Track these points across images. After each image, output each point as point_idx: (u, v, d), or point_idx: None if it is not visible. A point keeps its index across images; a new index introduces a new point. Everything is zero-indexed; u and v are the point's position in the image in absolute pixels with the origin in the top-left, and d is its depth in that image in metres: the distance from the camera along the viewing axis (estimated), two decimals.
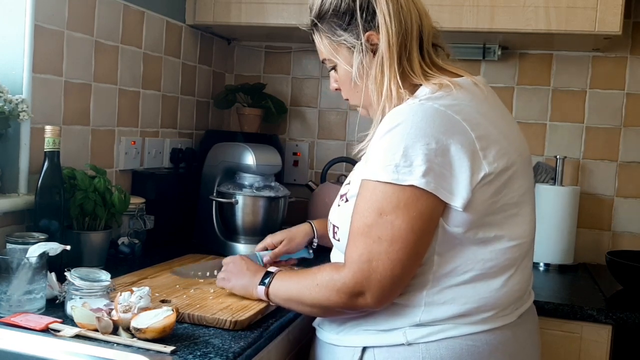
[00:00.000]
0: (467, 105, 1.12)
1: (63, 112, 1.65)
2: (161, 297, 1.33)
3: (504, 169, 1.11)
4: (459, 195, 1.07)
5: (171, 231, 2.01)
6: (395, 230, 1.07)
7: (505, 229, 1.14)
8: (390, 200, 1.07)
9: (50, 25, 1.57)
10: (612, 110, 2.20)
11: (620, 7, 1.82)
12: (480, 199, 1.08)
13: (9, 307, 1.17)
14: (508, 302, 1.16)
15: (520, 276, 1.19)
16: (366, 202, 1.10)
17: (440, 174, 1.06)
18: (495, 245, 1.13)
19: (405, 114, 1.09)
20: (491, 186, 1.09)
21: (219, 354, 1.08)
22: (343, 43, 1.23)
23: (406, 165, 1.05)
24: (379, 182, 1.07)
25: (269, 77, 2.49)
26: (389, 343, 1.14)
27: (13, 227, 1.49)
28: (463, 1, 1.92)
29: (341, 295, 1.11)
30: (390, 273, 1.08)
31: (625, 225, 2.20)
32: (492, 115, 1.17)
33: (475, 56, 2.22)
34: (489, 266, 1.13)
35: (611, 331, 1.63)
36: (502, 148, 1.12)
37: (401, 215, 1.06)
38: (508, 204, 1.13)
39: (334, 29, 1.23)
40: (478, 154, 1.08)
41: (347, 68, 1.24)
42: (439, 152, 1.05)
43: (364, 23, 1.20)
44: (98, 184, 1.55)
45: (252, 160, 1.89)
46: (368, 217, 1.09)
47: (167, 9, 2.08)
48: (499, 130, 1.15)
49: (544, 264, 2.10)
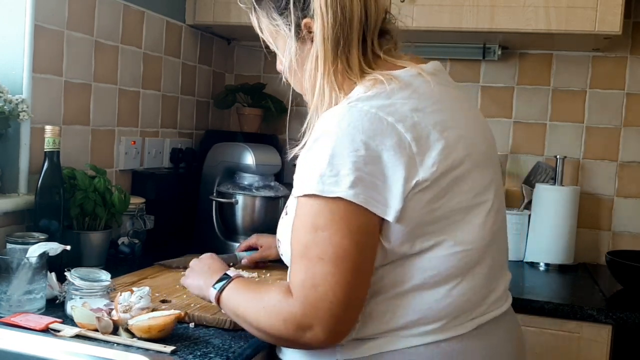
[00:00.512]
0: (403, 104, 0.99)
1: (63, 112, 1.65)
2: (161, 297, 1.33)
3: (447, 171, 0.99)
4: (392, 207, 0.95)
5: (171, 231, 2.01)
6: (335, 247, 0.94)
7: (447, 234, 1.00)
8: (323, 214, 0.95)
9: (50, 25, 1.57)
10: (612, 110, 2.20)
11: (620, 7, 1.82)
12: (413, 208, 0.96)
13: (9, 307, 1.17)
14: (455, 312, 1.02)
15: (470, 284, 1.03)
16: (299, 221, 0.98)
17: (372, 184, 0.94)
18: (435, 253, 1.00)
19: (330, 120, 0.98)
20: (427, 193, 0.97)
21: (219, 354, 1.08)
22: (279, 29, 1.13)
23: (332, 175, 0.94)
24: (306, 196, 0.96)
25: (269, 77, 2.49)
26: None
27: (13, 227, 1.49)
28: (463, 1, 1.91)
29: (288, 325, 0.97)
30: (342, 298, 0.94)
31: (625, 225, 2.20)
32: (437, 110, 1.03)
33: (475, 56, 2.22)
34: (429, 275, 1.00)
35: (611, 331, 1.63)
36: (445, 148, 0.99)
37: (339, 230, 0.94)
38: (453, 210, 1.00)
39: (271, 12, 1.13)
40: (414, 159, 0.96)
41: (280, 56, 1.15)
42: (369, 160, 0.94)
43: (296, 9, 1.08)
44: (98, 184, 1.55)
45: (251, 160, 1.89)
46: (304, 237, 0.97)
47: (167, 9, 2.08)
48: (445, 126, 1.01)
49: (544, 264, 2.10)
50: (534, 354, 1.66)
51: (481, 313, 1.06)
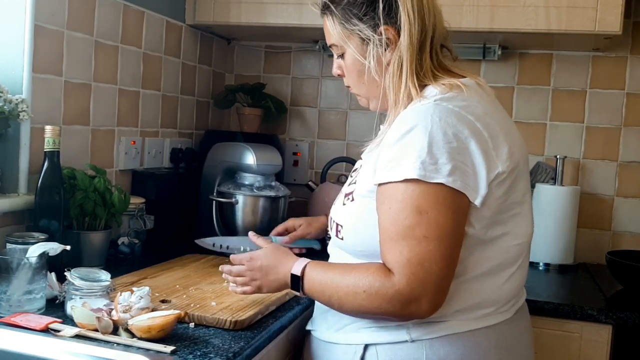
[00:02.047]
0: (476, 107, 1.13)
1: (63, 112, 1.65)
2: (161, 297, 1.33)
3: (513, 169, 1.12)
4: (479, 192, 1.07)
5: (171, 231, 2.00)
6: (441, 227, 1.04)
7: (510, 227, 1.15)
8: (427, 197, 1.05)
9: (50, 25, 1.57)
10: (612, 110, 2.20)
11: (620, 6, 1.82)
12: (494, 196, 1.10)
13: (9, 307, 1.17)
14: (507, 298, 1.18)
15: (519, 274, 1.20)
16: (398, 204, 1.06)
17: (464, 171, 1.06)
18: (500, 244, 1.14)
19: (421, 115, 1.09)
20: (503, 185, 1.11)
21: (219, 354, 1.08)
22: (357, 33, 1.21)
23: (432, 163, 1.04)
24: (406, 181, 1.05)
25: (269, 77, 2.49)
26: (392, 340, 1.14)
27: (13, 227, 1.49)
28: (463, 1, 1.91)
29: (395, 303, 1.05)
30: (446, 271, 1.05)
31: (626, 225, 2.20)
32: (498, 117, 1.18)
33: (475, 56, 2.22)
34: (494, 264, 1.14)
35: (611, 331, 1.63)
36: (509, 148, 1.13)
37: (444, 211, 1.05)
38: (514, 202, 1.15)
39: (349, 17, 1.21)
40: (492, 153, 1.09)
41: (359, 59, 1.22)
42: (460, 150, 1.06)
43: (384, 16, 1.18)
44: (98, 184, 1.55)
45: (252, 160, 1.89)
46: (406, 219, 1.05)
47: (167, 9, 2.08)
48: (505, 131, 1.15)
49: (544, 264, 2.10)
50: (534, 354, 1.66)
51: (518, 299, 1.23)
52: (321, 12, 1.27)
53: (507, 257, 1.16)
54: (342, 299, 1.11)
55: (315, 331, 1.29)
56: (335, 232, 1.25)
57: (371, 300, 1.08)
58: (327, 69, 2.42)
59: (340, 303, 1.12)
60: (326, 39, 1.29)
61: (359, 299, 1.09)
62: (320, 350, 1.27)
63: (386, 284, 1.06)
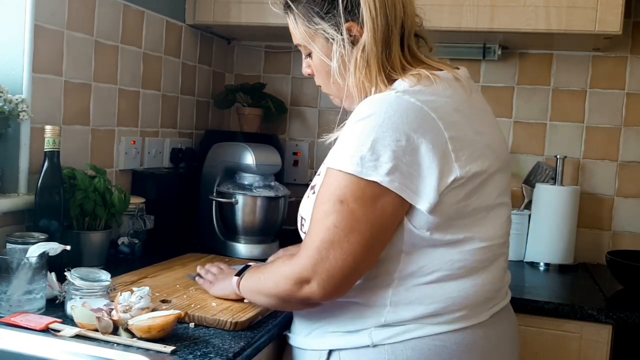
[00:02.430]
0: (445, 102, 1.07)
1: (63, 112, 1.64)
2: (161, 297, 1.33)
3: (477, 173, 1.07)
4: (425, 197, 1.03)
5: (171, 231, 2.00)
6: (354, 220, 1.02)
7: (476, 231, 1.10)
8: (354, 190, 1.02)
9: (50, 25, 1.57)
10: (612, 110, 2.20)
11: (621, 6, 1.82)
12: (448, 203, 1.04)
13: (9, 307, 1.17)
14: (477, 302, 1.12)
15: (491, 277, 1.14)
16: (327, 190, 1.05)
17: (407, 173, 1.01)
18: (464, 247, 1.09)
19: (379, 105, 1.04)
20: (462, 190, 1.05)
21: (219, 354, 1.08)
22: (321, 32, 1.16)
23: (372, 159, 1.00)
24: (342, 172, 1.03)
25: (268, 77, 2.49)
26: (355, 345, 1.11)
27: (13, 227, 1.49)
28: (463, 1, 1.91)
29: (288, 281, 1.07)
30: (342, 264, 1.02)
31: (626, 225, 2.20)
32: (471, 114, 1.12)
33: (475, 56, 2.22)
34: (458, 267, 1.09)
35: (611, 331, 1.63)
36: (476, 150, 1.07)
37: (364, 207, 1.02)
38: (479, 207, 1.09)
39: (311, 16, 1.16)
40: (450, 156, 1.03)
41: (324, 59, 1.18)
42: (407, 150, 1.01)
43: (345, 13, 1.12)
44: (98, 184, 1.55)
45: (252, 160, 1.89)
46: (326, 204, 1.04)
47: (167, 9, 2.08)
48: (477, 130, 1.10)
49: (544, 264, 2.10)
50: (534, 354, 1.66)
51: (495, 303, 1.17)
52: (283, 11, 1.22)
53: (474, 260, 1.10)
54: (260, 282, 1.18)
55: (289, 336, 1.28)
56: (300, 225, 1.22)
57: (272, 279, 1.13)
58: None
59: (260, 289, 1.18)
60: (292, 39, 1.25)
61: (267, 280, 1.15)
62: (292, 356, 1.26)
63: (286, 263, 1.10)
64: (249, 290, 1.23)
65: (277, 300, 1.14)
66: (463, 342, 1.10)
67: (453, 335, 1.09)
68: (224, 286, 1.33)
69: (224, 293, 1.33)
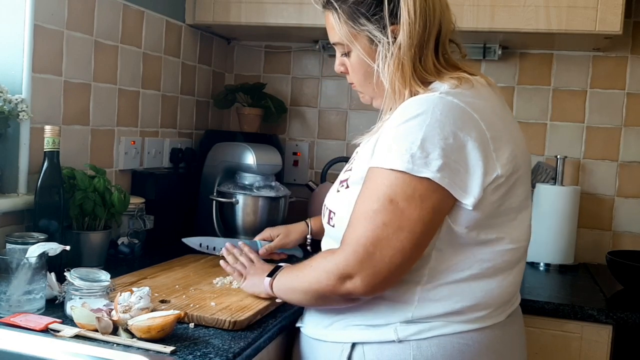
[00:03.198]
0: (484, 105, 1.11)
1: (62, 112, 1.64)
2: (160, 297, 1.33)
3: (512, 173, 1.10)
4: (471, 193, 1.05)
5: (171, 231, 2.00)
6: (404, 219, 1.04)
7: (506, 231, 1.13)
8: (405, 189, 1.04)
9: (50, 25, 1.57)
10: (612, 110, 2.20)
11: (621, 6, 1.82)
12: (489, 200, 1.08)
13: (9, 307, 1.17)
14: (500, 302, 1.16)
15: (514, 279, 1.18)
16: (376, 188, 1.06)
17: (455, 170, 1.04)
18: (495, 247, 1.12)
19: (425, 106, 1.07)
20: (501, 188, 1.09)
21: (219, 354, 1.08)
22: (366, 34, 1.17)
23: (422, 156, 1.03)
24: (392, 170, 1.05)
25: (268, 77, 2.49)
26: (380, 339, 1.13)
27: (13, 227, 1.49)
28: (463, 1, 1.91)
29: (330, 276, 1.08)
30: (389, 260, 1.05)
31: (626, 225, 2.20)
32: (504, 117, 1.16)
33: (475, 56, 2.22)
34: (487, 267, 1.12)
35: (612, 331, 1.62)
36: (512, 151, 1.11)
37: (414, 205, 1.04)
38: (510, 208, 1.13)
39: (357, 17, 1.16)
40: (492, 155, 1.07)
41: (366, 60, 1.18)
42: (455, 148, 1.04)
43: (389, 16, 1.14)
44: (98, 184, 1.55)
45: (252, 160, 1.89)
46: (375, 203, 1.06)
47: (167, 9, 2.08)
48: (510, 133, 1.14)
49: (544, 264, 2.10)
50: (534, 354, 1.66)
51: (512, 304, 1.21)
52: (323, 7, 1.22)
53: (502, 261, 1.14)
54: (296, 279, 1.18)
55: (304, 328, 1.28)
56: (327, 219, 1.23)
57: (312, 274, 1.13)
58: (327, 69, 2.41)
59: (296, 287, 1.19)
60: (329, 36, 1.25)
61: (306, 276, 1.15)
62: (308, 348, 1.26)
63: (327, 258, 1.11)
64: (284, 288, 1.23)
65: (315, 296, 1.15)
66: (484, 342, 1.13)
67: (475, 334, 1.12)
68: (255, 283, 1.33)
69: (254, 291, 1.33)
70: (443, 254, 1.10)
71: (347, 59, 1.24)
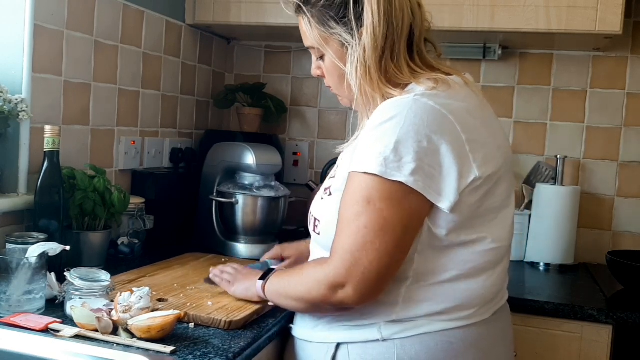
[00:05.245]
0: (460, 106, 1.10)
1: (63, 112, 1.64)
2: (158, 295, 1.33)
3: (492, 174, 1.10)
4: (446, 197, 1.05)
5: (171, 231, 2.00)
6: (384, 220, 1.04)
7: (487, 231, 1.13)
8: (380, 191, 1.04)
9: (50, 25, 1.57)
10: (612, 110, 2.20)
11: (621, 6, 1.82)
12: (467, 202, 1.07)
13: (9, 307, 1.17)
14: (484, 301, 1.16)
15: (497, 277, 1.18)
16: (354, 192, 1.07)
17: (429, 174, 1.04)
18: (476, 248, 1.12)
19: (399, 108, 1.06)
20: (480, 190, 1.08)
21: (219, 354, 1.08)
22: (336, 37, 1.16)
23: (395, 160, 1.03)
24: (367, 174, 1.05)
25: (268, 77, 2.49)
26: (364, 339, 1.13)
27: (13, 227, 1.49)
28: (463, 1, 1.91)
29: (321, 286, 1.08)
30: (377, 265, 1.04)
31: (626, 225, 2.20)
32: (483, 117, 1.15)
33: (475, 56, 2.22)
34: (469, 267, 1.12)
35: (612, 331, 1.62)
36: (490, 152, 1.10)
37: (391, 206, 1.04)
38: (491, 208, 1.12)
39: (327, 20, 1.16)
40: (468, 157, 1.06)
41: (338, 63, 1.18)
42: (429, 152, 1.03)
43: (355, 18, 1.13)
44: (98, 184, 1.55)
45: (252, 160, 1.89)
46: (355, 206, 1.06)
47: (167, 9, 2.08)
48: (488, 133, 1.13)
49: (544, 264, 2.10)
50: (534, 354, 1.66)
51: (497, 301, 1.21)
52: (295, 12, 1.23)
53: (484, 261, 1.13)
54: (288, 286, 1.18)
55: (294, 329, 1.28)
56: (313, 226, 1.23)
57: (304, 285, 1.13)
58: None
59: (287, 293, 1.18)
60: (303, 40, 1.25)
61: (297, 285, 1.15)
62: (296, 349, 1.26)
63: (317, 268, 1.11)
64: (276, 294, 1.23)
65: (308, 304, 1.15)
66: (468, 339, 1.13)
67: (459, 331, 1.12)
68: (245, 287, 1.32)
69: (246, 295, 1.31)
70: (425, 256, 1.10)
71: (322, 62, 1.24)
